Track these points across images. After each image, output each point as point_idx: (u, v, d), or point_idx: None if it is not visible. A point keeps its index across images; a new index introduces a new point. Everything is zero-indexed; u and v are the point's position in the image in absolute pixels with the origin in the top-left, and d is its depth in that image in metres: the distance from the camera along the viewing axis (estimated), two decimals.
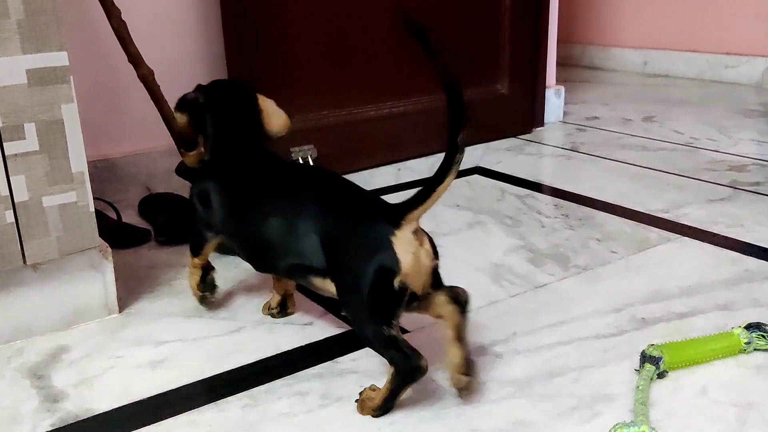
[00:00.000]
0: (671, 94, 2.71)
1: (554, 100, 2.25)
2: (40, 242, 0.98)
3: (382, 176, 1.74)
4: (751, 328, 0.93)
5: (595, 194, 1.57)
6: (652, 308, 1.05)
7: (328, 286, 0.84)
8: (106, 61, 1.57)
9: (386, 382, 0.81)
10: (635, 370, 0.89)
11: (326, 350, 0.97)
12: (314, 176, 0.94)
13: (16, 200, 0.95)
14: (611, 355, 0.93)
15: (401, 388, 0.81)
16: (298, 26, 1.64)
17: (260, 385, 0.89)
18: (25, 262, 0.98)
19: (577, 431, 0.79)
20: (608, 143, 2.00)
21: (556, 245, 1.30)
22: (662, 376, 0.88)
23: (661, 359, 0.87)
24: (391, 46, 1.80)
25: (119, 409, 0.85)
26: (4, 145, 0.92)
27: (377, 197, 0.87)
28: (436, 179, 0.75)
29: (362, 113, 1.78)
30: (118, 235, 1.32)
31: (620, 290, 1.11)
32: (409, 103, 1.87)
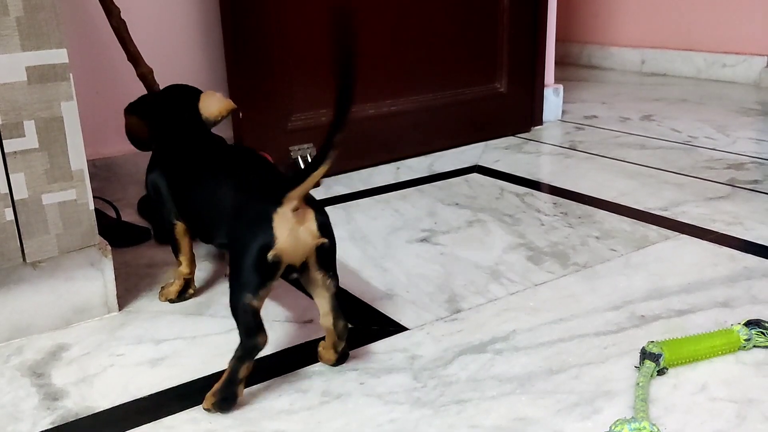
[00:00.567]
0: (669, 92, 2.71)
1: (553, 98, 2.25)
2: (39, 240, 0.98)
3: (381, 175, 1.74)
4: (750, 324, 0.94)
5: (594, 192, 1.57)
6: (651, 305, 1.05)
7: None
8: (105, 59, 1.57)
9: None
10: (635, 366, 0.90)
11: None
12: (238, 157, 0.99)
13: (15, 198, 0.95)
14: (611, 351, 0.94)
15: (239, 365, 0.82)
16: (297, 24, 1.64)
17: (260, 382, 0.89)
18: (24, 259, 0.97)
19: (577, 427, 0.79)
20: (607, 142, 2.01)
21: (555, 243, 1.30)
22: (662, 372, 0.88)
23: (660, 356, 0.87)
24: (390, 45, 1.80)
25: (119, 407, 0.85)
26: (3, 142, 0.92)
27: (280, 177, 0.92)
28: (312, 166, 0.80)
29: (361, 112, 1.78)
30: (117, 233, 1.32)
31: (619, 288, 1.12)
32: (408, 102, 1.87)
